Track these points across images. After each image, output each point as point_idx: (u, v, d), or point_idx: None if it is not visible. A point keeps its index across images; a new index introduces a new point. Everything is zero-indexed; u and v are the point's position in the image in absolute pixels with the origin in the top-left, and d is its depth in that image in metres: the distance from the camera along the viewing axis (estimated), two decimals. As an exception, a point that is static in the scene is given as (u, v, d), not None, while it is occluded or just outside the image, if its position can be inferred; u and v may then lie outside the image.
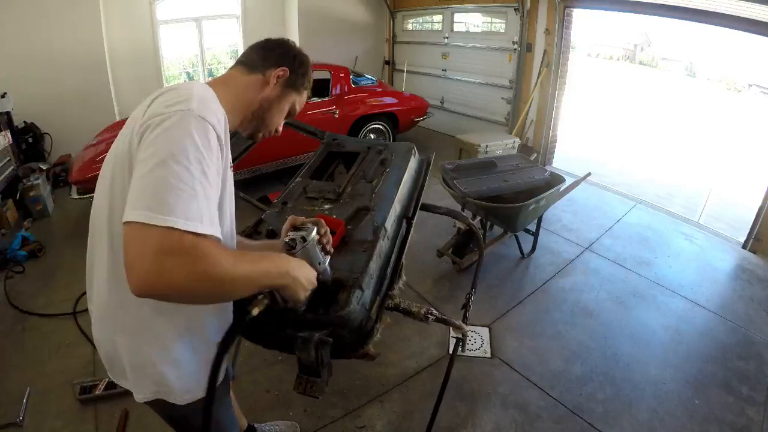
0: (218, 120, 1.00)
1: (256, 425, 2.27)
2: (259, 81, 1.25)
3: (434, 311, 1.69)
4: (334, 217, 1.79)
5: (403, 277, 1.80)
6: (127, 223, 0.82)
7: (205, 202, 0.89)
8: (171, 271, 0.80)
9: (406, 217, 1.99)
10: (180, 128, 0.91)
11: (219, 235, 0.91)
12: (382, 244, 1.71)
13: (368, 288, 1.54)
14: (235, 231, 1.28)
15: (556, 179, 3.78)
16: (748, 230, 4.34)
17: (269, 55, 1.28)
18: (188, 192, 0.86)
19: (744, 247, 4.35)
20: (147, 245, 0.80)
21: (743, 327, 3.22)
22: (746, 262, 4.14)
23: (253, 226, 1.81)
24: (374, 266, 1.62)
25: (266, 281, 1.03)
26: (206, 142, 0.93)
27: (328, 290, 1.53)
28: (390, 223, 1.83)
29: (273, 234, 1.74)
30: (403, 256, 1.80)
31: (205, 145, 0.92)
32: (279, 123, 1.33)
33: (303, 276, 1.11)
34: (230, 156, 1.11)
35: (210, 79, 1.35)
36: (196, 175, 0.88)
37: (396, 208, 1.93)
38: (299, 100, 1.35)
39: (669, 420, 2.44)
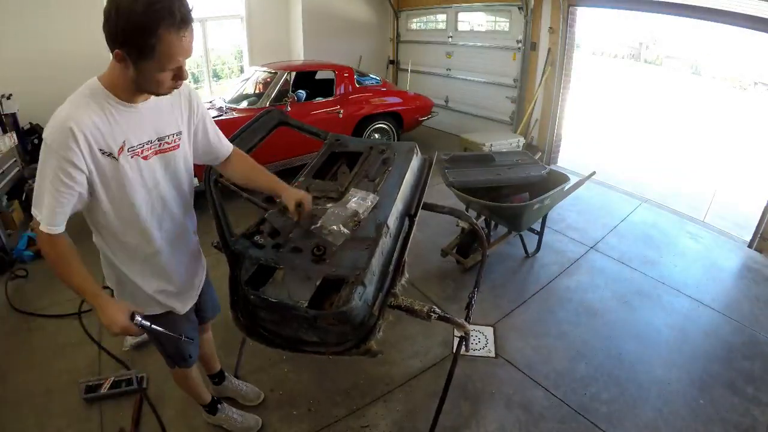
0: (70, 135, 1.24)
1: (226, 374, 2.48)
2: (117, 64, 1.27)
3: (437, 309, 1.69)
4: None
5: (406, 275, 1.80)
6: None
7: (57, 208, 1.28)
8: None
9: (408, 215, 1.99)
10: (40, 161, 1.27)
11: (54, 231, 1.30)
12: (385, 242, 1.72)
13: (370, 284, 1.55)
14: (149, 214, 1.52)
15: (559, 178, 3.77)
16: (754, 229, 4.31)
17: (107, 37, 1.24)
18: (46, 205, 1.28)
19: (750, 246, 4.32)
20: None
21: (749, 326, 3.20)
22: (752, 261, 4.11)
23: (256, 226, 1.82)
24: (376, 263, 1.62)
25: (73, 287, 1.37)
26: (56, 163, 1.24)
27: (331, 287, 1.54)
28: (392, 221, 1.83)
29: (276, 233, 1.75)
30: (406, 254, 1.81)
31: (59, 163, 1.24)
32: (164, 83, 1.32)
33: (106, 319, 1.35)
34: (126, 144, 1.37)
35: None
36: (51, 189, 1.26)
37: (398, 206, 1.93)
38: (165, 56, 1.23)
39: (673, 420, 2.43)
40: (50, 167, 1.25)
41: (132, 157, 1.40)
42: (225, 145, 1.77)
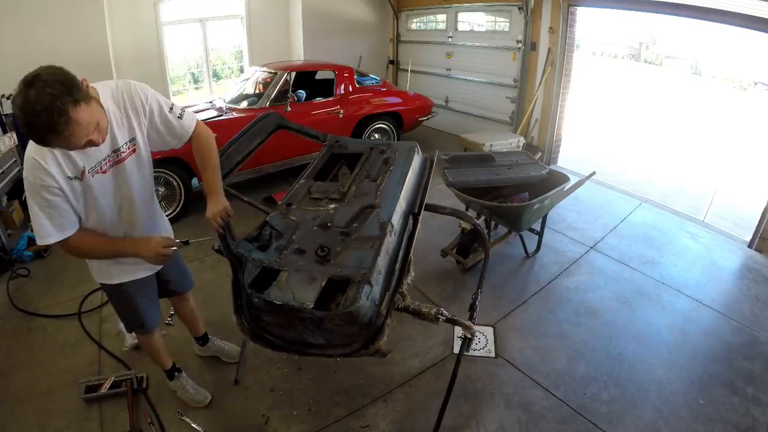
0: (43, 169, 1.48)
1: (210, 336, 2.78)
2: None
3: (444, 312, 1.68)
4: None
5: (412, 273, 1.80)
6: None
7: (51, 222, 1.57)
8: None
9: (412, 214, 1.98)
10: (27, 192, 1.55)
11: (71, 233, 1.63)
12: (389, 240, 1.71)
13: (377, 284, 1.53)
14: (116, 214, 1.79)
15: (559, 178, 3.77)
16: (754, 229, 4.31)
17: None
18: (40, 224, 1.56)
19: (750, 246, 4.32)
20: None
21: (749, 326, 3.20)
22: (752, 261, 4.11)
23: (258, 229, 1.81)
24: (382, 262, 1.60)
25: (119, 255, 1.79)
26: (36, 192, 1.51)
27: (336, 288, 1.53)
28: (396, 219, 1.82)
29: (279, 235, 1.74)
30: (411, 252, 1.80)
31: (38, 192, 1.51)
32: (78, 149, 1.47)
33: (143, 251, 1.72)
34: (86, 167, 1.58)
35: None
36: (40, 212, 1.54)
37: (401, 205, 1.92)
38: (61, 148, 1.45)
39: (673, 420, 2.43)
40: (35, 196, 1.53)
41: (93, 175, 1.62)
42: (187, 124, 1.85)
